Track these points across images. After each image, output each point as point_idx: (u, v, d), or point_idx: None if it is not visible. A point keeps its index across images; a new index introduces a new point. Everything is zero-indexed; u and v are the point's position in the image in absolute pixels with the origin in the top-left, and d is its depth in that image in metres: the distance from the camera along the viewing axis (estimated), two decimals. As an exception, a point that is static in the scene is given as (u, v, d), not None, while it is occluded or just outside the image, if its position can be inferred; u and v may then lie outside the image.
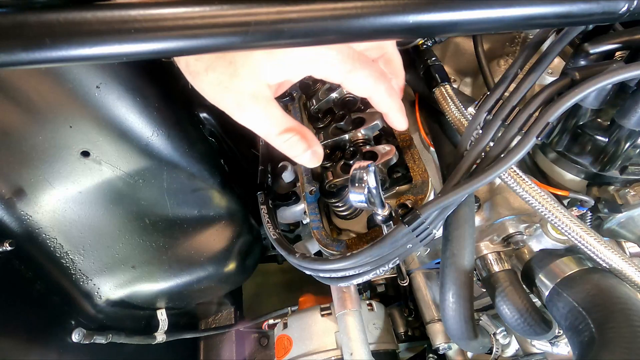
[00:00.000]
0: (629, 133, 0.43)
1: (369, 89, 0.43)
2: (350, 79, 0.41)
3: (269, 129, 0.41)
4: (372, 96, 0.44)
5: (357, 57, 0.41)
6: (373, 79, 0.42)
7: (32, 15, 0.26)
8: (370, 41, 0.45)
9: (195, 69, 0.38)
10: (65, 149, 0.57)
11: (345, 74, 0.40)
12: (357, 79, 0.41)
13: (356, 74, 0.40)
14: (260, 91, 0.39)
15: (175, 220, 0.74)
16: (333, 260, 0.52)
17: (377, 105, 0.46)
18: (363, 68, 0.41)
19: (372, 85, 0.42)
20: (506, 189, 0.59)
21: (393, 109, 0.46)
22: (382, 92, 0.43)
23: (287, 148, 0.43)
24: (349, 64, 0.40)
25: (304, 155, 0.44)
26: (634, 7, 0.33)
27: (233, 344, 1.10)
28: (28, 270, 0.64)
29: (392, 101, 0.45)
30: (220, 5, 0.28)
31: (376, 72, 0.42)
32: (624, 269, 0.44)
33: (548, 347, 0.68)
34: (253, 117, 0.40)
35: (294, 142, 0.42)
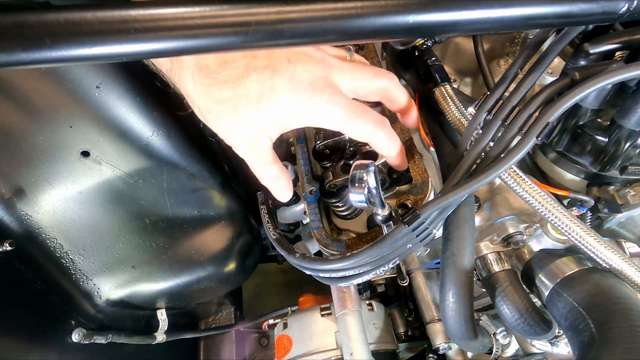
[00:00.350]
0: (629, 133, 0.43)
1: (367, 136, 0.47)
2: (347, 128, 0.46)
3: (257, 166, 0.48)
4: (371, 142, 0.49)
5: (354, 108, 0.45)
6: (371, 127, 0.47)
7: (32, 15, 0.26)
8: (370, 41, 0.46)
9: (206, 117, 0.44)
10: (65, 149, 0.57)
11: (342, 124, 0.45)
12: (356, 128, 0.46)
13: (352, 124, 0.45)
14: (260, 140, 0.45)
15: (175, 220, 0.74)
16: (333, 260, 0.52)
17: (376, 149, 0.51)
18: (358, 117, 0.45)
19: (371, 132, 0.47)
20: (506, 189, 0.59)
21: (392, 152, 0.51)
22: (380, 138, 0.48)
23: (267, 183, 0.51)
24: (345, 116, 0.44)
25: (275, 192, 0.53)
26: (634, 7, 0.33)
27: (233, 344, 1.10)
28: (28, 270, 0.64)
29: (391, 146, 0.50)
30: (220, 5, 0.28)
31: (373, 120, 0.47)
32: (624, 269, 0.44)
33: (548, 347, 0.68)
34: (248, 156, 0.47)
35: (271, 182, 0.51)
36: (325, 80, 0.43)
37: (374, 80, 0.48)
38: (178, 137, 0.64)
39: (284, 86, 0.41)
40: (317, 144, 0.66)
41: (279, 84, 0.41)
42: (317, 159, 0.66)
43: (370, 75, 0.47)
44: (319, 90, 0.42)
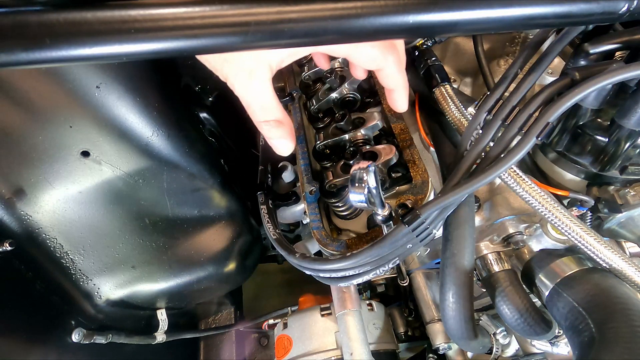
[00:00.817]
0: (629, 133, 0.43)
1: (377, 60, 0.42)
2: (356, 50, 0.40)
3: (254, 105, 0.42)
4: (381, 68, 0.43)
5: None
6: (380, 50, 0.41)
7: (32, 15, 0.26)
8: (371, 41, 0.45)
9: None
10: (65, 149, 0.57)
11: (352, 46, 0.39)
12: (364, 50, 0.40)
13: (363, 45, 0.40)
14: (258, 69, 0.39)
15: (175, 220, 0.74)
16: (333, 260, 0.52)
17: (384, 79, 0.44)
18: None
19: (380, 55, 0.41)
20: (506, 189, 0.59)
21: (400, 85, 0.45)
22: (391, 64, 0.42)
23: (265, 130, 0.44)
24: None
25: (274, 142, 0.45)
26: (634, 7, 0.33)
27: (233, 344, 1.10)
28: (28, 270, 0.64)
29: (400, 76, 0.44)
30: (220, 5, 0.28)
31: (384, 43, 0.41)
32: (624, 269, 0.45)
33: (548, 347, 0.68)
34: (243, 89, 0.41)
35: (270, 127, 0.44)
36: None
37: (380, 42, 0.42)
38: (178, 137, 0.64)
39: None
40: (317, 144, 0.66)
41: None
42: (317, 159, 0.66)
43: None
44: None
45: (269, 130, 0.44)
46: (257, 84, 0.40)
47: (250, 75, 0.40)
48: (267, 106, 0.42)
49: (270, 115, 0.43)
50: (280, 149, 0.46)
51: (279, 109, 0.43)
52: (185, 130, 0.66)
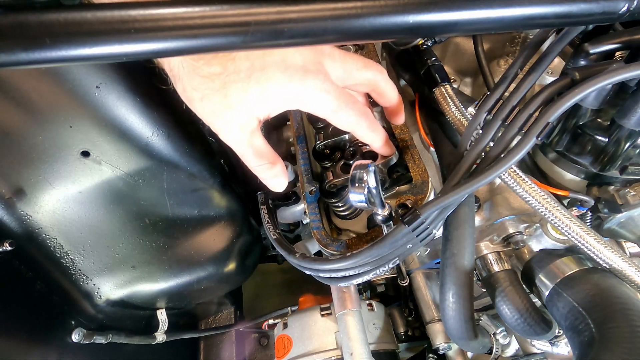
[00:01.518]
0: (629, 133, 0.43)
1: (351, 126, 0.47)
2: (335, 117, 0.45)
3: (247, 154, 0.46)
4: (355, 131, 0.49)
5: (343, 98, 0.45)
6: (355, 118, 0.46)
7: (32, 15, 0.26)
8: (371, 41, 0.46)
9: (191, 96, 0.41)
10: (65, 149, 0.57)
11: (331, 112, 0.45)
12: (341, 118, 0.46)
13: (340, 113, 0.45)
14: (248, 123, 0.43)
15: (175, 220, 0.74)
16: (333, 260, 0.52)
17: (360, 138, 0.50)
18: (347, 108, 0.45)
19: (355, 123, 0.47)
20: (506, 189, 0.59)
21: (376, 141, 0.51)
22: (364, 129, 0.48)
23: (260, 172, 0.49)
24: (334, 105, 0.44)
25: (268, 182, 0.50)
26: (634, 7, 0.33)
27: (233, 344, 1.10)
28: (28, 270, 0.64)
29: (375, 136, 0.50)
30: (220, 5, 0.28)
31: (358, 112, 0.46)
32: (624, 269, 0.44)
33: (548, 347, 0.68)
34: (236, 142, 0.44)
35: (264, 169, 0.48)
36: (317, 65, 0.43)
37: (363, 70, 0.47)
38: (178, 137, 0.64)
39: (276, 66, 0.40)
40: (317, 144, 0.66)
41: (270, 63, 0.40)
42: (317, 159, 0.66)
43: (360, 65, 0.47)
44: (312, 75, 0.42)
45: (263, 172, 0.48)
46: (248, 136, 0.44)
47: (242, 129, 0.43)
48: (259, 153, 0.46)
49: (263, 160, 0.47)
50: (275, 186, 0.51)
51: (270, 152, 0.47)
52: (185, 130, 0.66)
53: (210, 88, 0.40)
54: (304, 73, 0.41)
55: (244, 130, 0.43)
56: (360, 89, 0.49)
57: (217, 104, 0.40)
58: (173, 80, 0.42)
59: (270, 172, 0.49)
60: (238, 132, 0.43)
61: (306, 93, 0.42)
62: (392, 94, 0.51)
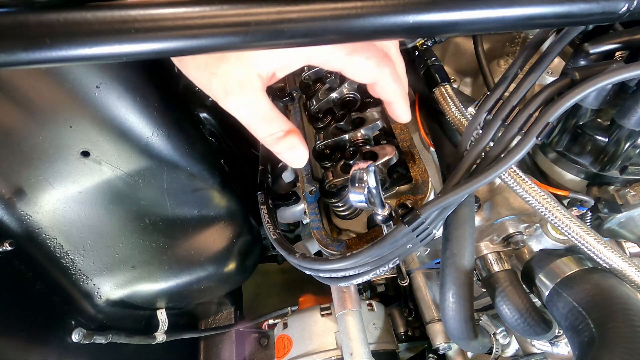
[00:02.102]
0: (629, 133, 0.43)
1: (372, 73, 0.39)
2: (350, 63, 0.37)
3: (254, 120, 0.38)
4: (376, 80, 0.40)
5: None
6: (375, 62, 0.38)
7: (32, 15, 0.26)
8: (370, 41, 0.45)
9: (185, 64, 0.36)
10: (65, 149, 0.57)
11: (345, 57, 0.37)
12: (358, 63, 0.38)
13: (356, 57, 0.37)
14: (249, 79, 0.36)
15: (175, 220, 0.74)
16: (333, 260, 0.52)
17: (381, 91, 0.41)
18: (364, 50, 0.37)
19: (375, 68, 0.39)
20: (506, 189, 0.59)
21: (398, 95, 0.42)
22: (386, 76, 0.40)
23: (270, 144, 0.40)
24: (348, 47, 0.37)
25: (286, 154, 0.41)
26: (634, 7, 0.33)
27: (233, 344, 1.10)
28: (28, 270, 0.64)
29: (398, 87, 0.41)
30: (220, 5, 0.28)
31: (378, 54, 0.39)
32: (624, 269, 0.44)
33: (548, 347, 0.68)
34: (239, 105, 0.37)
35: (278, 139, 0.39)
36: None
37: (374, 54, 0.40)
38: (178, 137, 0.64)
39: None
40: (317, 144, 0.66)
41: None
42: (317, 159, 0.66)
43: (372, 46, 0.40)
44: None
45: (276, 144, 0.40)
46: (250, 97, 0.37)
47: (241, 87, 0.36)
48: (268, 117, 0.38)
49: (274, 127, 0.39)
50: (295, 160, 0.41)
51: (281, 118, 0.39)
52: (185, 130, 0.66)
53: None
54: None
55: (244, 89, 0.36)
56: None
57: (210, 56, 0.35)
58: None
59: (284, 144, 0.39)
60: (237, 91, 0.36)
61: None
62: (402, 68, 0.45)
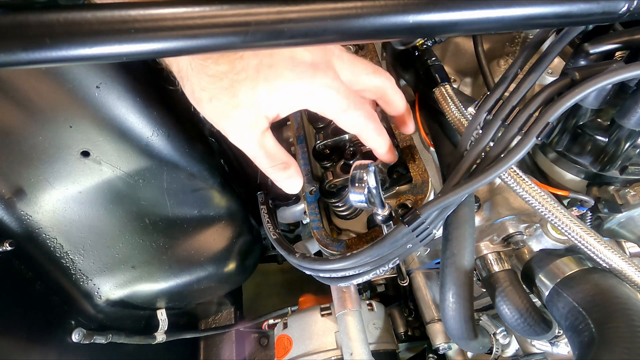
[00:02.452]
0: (629, 133, 0.43)
1: (358, 128, 0.46)
2: (343, 118, 0.44)
3: (260, 156, 0.45)
4: (361, 134, 0.47)
5: (352, 98, 0.44)
6: (364, 120, 0.45)
7: (32, 15, 0.26)
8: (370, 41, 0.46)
9: (200, 97, 0.40)
10: (65, 149, 0.57)
11: (340, 112, 0.44)
12: (349, 119, 0.45)
13: (349, 113, 0.44)
14: (258, 122, 0.42)
15: (175, 220, 0.74)
16: (333, 260, 0.52)
17: (365, 141, 0.49)
18: (356, 109, 0.44)
19: (363, 125, 0.46)
20: (506, 189, 0.59)
21: (381, 147, 0.50)
22: (370, 131, 0.47)
23: (269, 173, 0.47)
24: (344, 104, 0.43)
25: (283, 183, 0.48)
26: (634, 7, 0.33)
27: (233, 344, 1.10)
28: (28, 270, 0.64)
29: (380, 140, 0.49)
30: (220, 5, 0.28)
31: (367, 113, 0.45)
32: (624, 269, 0.44)
33: (548, 347, 0.68)
34: (247, 144, 0.43)
35: (277, 171, 0.47)
36: (326, 63, 0.42)
37: (372, 76, 0.47)
38: (178, 137, 0.64)
39: (284, 63, 0.39)
40: (317, 144, 0.66)
41: (278, 60, 0.39)
42: (317, 159, 0.66)
43: (369, 71, 0.47)
44: (322, 72, 0.41)
45: (276, 174, 0.47)
46: (258, 137, 0.43)
47: (251, 129, 0.42)
48: (271, 154, 0.45)
49: (276, 161, 0.46)
50: (290, 188, 0.49)
51: (282, 152, 0.46)
52: (185, 130, 0.66)
53: (219, 87, 0.39)
54: (314, 70, 0.40)
55: (253, 130, 0.42)
56: (367, 95, 0.49)
57: (225, 104, 0.40)
58: (181, 81, 0.41)
59: (284, 174, 0.47)
60: (248, 132, 0.42)
61: (316, 91, 0.41)
62: (399, 103, 0.51)
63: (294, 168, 0.48)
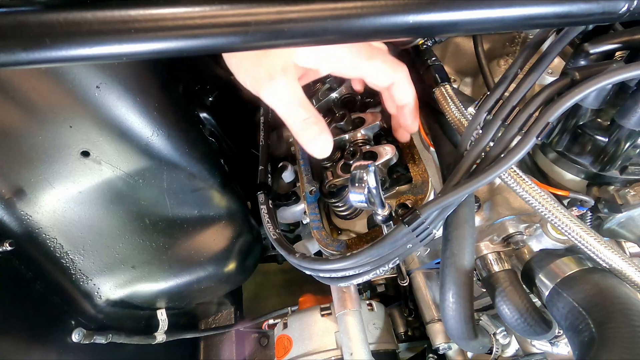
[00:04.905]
0: (629, 133, 0.43)
1: (390, 76, 0.45)
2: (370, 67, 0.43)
3: (291, 106, 0.42)
4: (394, 82, 0.46)
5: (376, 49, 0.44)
6: (391, 65, 0.45)
7: (32, 15, 0.26)
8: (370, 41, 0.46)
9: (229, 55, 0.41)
10: (65, 149, 0.57)
11: (367, 61, 0.43)
12: (378, 67, 0.44)
13: (376, 61, 0.43)
14: (290, 67, 0.40)
15: (175, 220, 0.74)
16: (333, 260, 0.52)
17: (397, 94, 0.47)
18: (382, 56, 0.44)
19: (392, 71, 0.45)
20: (506, 189, 0.59)
21: (412, 98, 0.48)
22: (402, 79, 0.46)
23: (301, 129, 0.43)
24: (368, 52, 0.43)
25: (315, 142, 0.44)
26: (634, 7, 0.33)
27: (233, 344, 1.10)
28: (28, 270, 0.64)
29: (412, 90, 0.47)
30: (220, 5, 0.28)
31: (393, 59, 0.45)
32: (624, 269, 0.44)
33: (548, 347, 0.68)
34: (280, 90, 0.41)
35: (309, 125, 0.43)
36: None
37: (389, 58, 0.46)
38: (178, 137, 0.64)
39: None
40: (317, 144, 0.66)
41: None
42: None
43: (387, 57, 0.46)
44: None
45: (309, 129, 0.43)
46: (292, 82, 0.41)
47: (285, 72, 0.40)
48: (303, 102, 0.42)
49: (308, 112, 0.42)
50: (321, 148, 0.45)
51: (312, 107, 0.43)
52: (185, 130, 0.66)
53: None
54: None
55: (287, 74, 0.40)
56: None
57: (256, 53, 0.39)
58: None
59: (316, 129, 0.43)
60: (282, 76, 0.40)
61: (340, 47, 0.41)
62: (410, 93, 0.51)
63: (324, 125, 0.44)
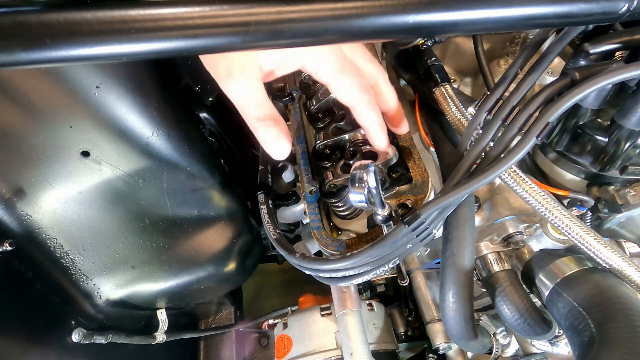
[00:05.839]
0: (629, 133, 0.43)
1: (353, 97, 0.44)
2: (338, 81, 0.42)
3: (249, 106, 0.42)
4: (355, 106, 0.45)
5: (348, 65, 0.43)
6: (358, 88, 0.43)
7: (32, 15, 0.26)
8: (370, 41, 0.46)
9: None
10: (65, 149, 0.57)
11: (334, 73, 0.42)
12: (344, 84, 0.43)
13: (344, 77, 0.42)
14: (251, 67, 0.40)
15: (175, 220, 0.74)
16: (333, 260, 0.52)
17: (358, 117, 0.47)
18: (352, 73, 0.43)
19: (357, 94, 0.44)
20: (506, 189, 0.59)
21: (374, 124, 0.47)
22: (365, 104, 0.45)
23: (260, 131, 0.43)
24: (339, 65, 0.42)
25: (273, 143, 0.44)
26: (634, 7, 0.33)
27: (233, 344, 1.10)
28: (28, 270, 0.64)
29: (375, 116, 0.46)
30: (220, 5, 0.28)
31: (363, 83, 0.44)
32: (624, 269, 0.44)
33: (548, 347, 0.68)
34: (238, 88, 0.41)
35: (267, 126, 0.43)
36: None
37: (368, 62, 0.47)
38: (178, 137, 0.64)
39: None
40: (317, 144, 0.66)
41: None
42: (317, 159, 0.66)
43: (366, 57, 0.46)
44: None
45: (264, 131, 0.43)
46: (250, 82, 0.41)
47: (243, 73, 0.40)
48: (260, 103, 0.42)
49: (265, 111, 0.42)
50: (277, 150, 0.44)
51: (273, 109, 0.43)
52: (185, 130, 0.66)
53: None
54: None
55: (245, 74, 0.40)
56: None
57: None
58: None
59: (272, 132, 0.43)
60: (239, 75, 0.40)
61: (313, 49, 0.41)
62: (391, 97, 0.51)
63: (284, 129, 0.44)
